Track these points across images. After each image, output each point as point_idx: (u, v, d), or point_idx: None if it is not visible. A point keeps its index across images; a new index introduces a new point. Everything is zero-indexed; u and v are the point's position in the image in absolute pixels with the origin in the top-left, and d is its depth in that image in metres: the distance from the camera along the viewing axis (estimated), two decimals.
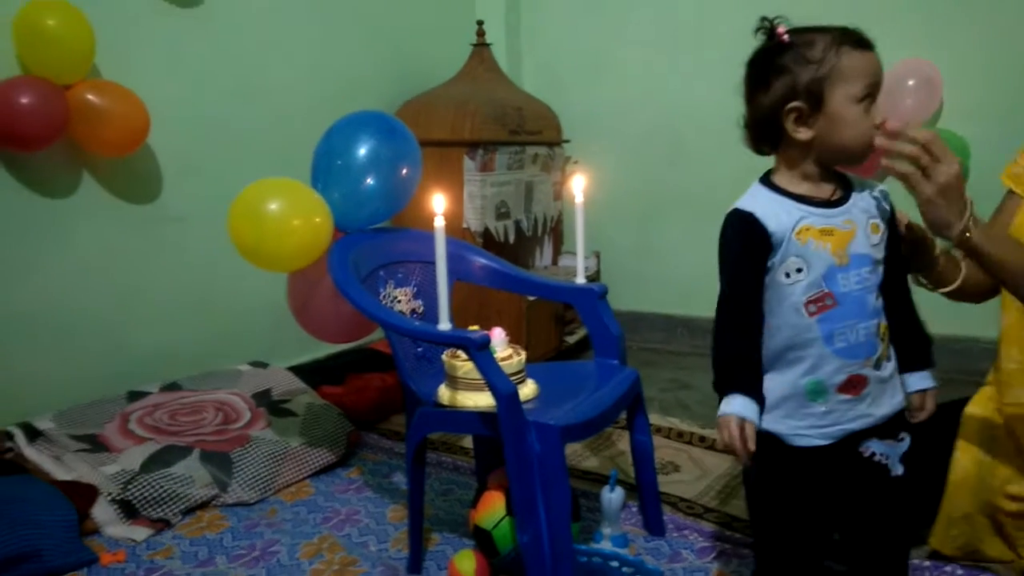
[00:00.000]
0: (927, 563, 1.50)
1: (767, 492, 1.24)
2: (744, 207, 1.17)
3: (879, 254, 1.17)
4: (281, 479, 1.91)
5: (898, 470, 1.21)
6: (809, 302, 1.14)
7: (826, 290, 1.14)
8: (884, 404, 1.19)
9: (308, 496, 1.88)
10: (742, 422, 1.13)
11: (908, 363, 1.21)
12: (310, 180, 1.74)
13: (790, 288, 1.15)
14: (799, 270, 1.14)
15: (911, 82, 2.63)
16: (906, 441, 1.22)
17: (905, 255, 1.24)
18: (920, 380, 1.21)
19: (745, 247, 1.17)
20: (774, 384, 1.19)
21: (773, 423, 1.19)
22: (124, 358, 2.21)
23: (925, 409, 1.21)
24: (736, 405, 1.14)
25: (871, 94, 1.11)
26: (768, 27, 1.15)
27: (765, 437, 1.17)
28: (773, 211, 1.16)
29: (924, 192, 1.14)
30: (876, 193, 1.19)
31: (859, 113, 1.11)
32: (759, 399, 1.16)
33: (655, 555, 1.58)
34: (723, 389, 1.16)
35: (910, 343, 1.21)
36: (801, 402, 1.17)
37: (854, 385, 1.16)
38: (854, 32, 1.12)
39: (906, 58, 2.63)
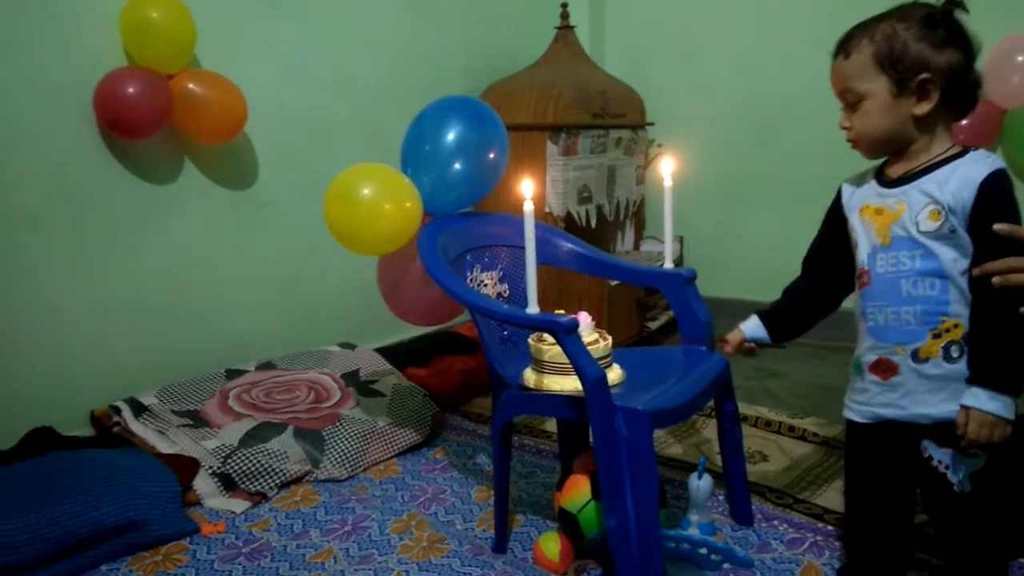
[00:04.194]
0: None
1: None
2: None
3: (933, 242, 1.12)
4: (370, 457, 1.96)
5: (963, 486, 1.16)
6: (857, 276, 1.24)
7: (865, 267, 1.21)
8: (928, 404, 1.16)
9: (396, 474, 1.93)
10: (737, 332, 1.46)
11: (970, 374, 1.13)
12: (399, 165, 1.76)
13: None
14: (856, 244, 1.24)
15: (1020, 58, 2.49)
16: (979, 459, 1.15)
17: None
18: (968, 396, 1.12)
19: (830, 207, 1.32)
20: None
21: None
22: (221, 337, 2.30)
23: (965, 433, 1.11)
24: (746, 320, 1.45)
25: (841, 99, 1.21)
26: None
27: None
28: (855, 185, 1.27)
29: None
30: (958, 181, 1.11)
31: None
32: (767, 323, 1.43)
33: (743, 544, 1.56)
34: None
35: (974, 354, 1.13)
36: (853, 374, 1.27)
37: (883, 369, 1.19)
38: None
39: (1016, 33, 2.49)
